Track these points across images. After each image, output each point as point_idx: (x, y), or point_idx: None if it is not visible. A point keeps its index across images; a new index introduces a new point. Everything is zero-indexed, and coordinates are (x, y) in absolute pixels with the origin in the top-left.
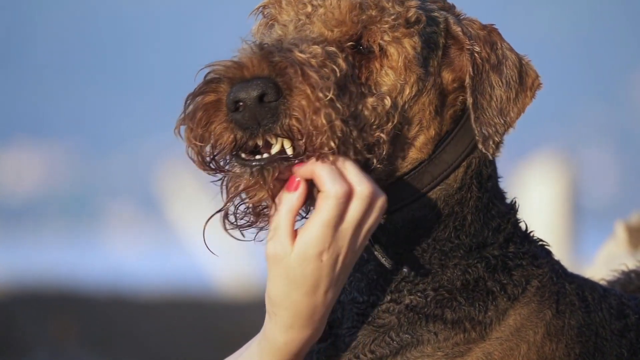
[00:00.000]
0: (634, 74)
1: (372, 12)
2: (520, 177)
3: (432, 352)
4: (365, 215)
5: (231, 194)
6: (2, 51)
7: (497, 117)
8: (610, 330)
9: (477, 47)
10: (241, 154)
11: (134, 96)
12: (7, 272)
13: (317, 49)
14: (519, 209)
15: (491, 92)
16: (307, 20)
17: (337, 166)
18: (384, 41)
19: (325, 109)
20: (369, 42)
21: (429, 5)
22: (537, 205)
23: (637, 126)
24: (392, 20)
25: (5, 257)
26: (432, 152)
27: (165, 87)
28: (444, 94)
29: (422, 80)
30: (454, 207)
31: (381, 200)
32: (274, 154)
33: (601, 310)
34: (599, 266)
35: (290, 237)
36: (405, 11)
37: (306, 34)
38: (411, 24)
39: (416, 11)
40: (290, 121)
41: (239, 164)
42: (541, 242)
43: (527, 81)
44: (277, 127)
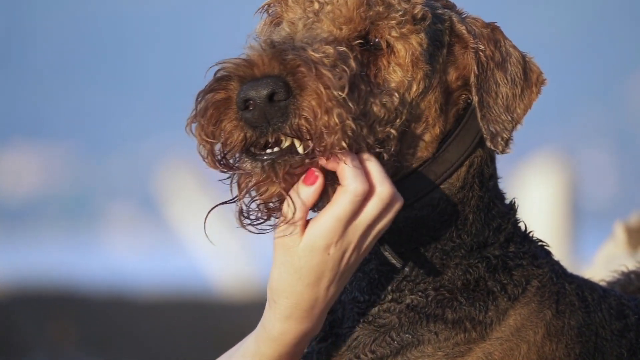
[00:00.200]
0: (633, 75)
1: (379, 9)
2: (519, 178)
3: (432, 352)
4: (379, 216)
5: (242, 189)
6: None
7: (504, 114)
8: (610, 330)
9: (482, 45)
10: (252, 149)
11: (133, 97)
12: (6, 273)
13: (329, 49)
14: (518, 209)
15: (497, 90)
16: (315, 17)
17: (363, 164)
18: (392, 37)
19: (337, 108)
20: (377, 38)
21: (434, 3)
22: (536, 206)
23: (636, 127)
24: (399, 16)
25: (4, 258)
26: (436, 150)
27: (164, 88)
28: (448, 92)
29: (428, 77)
30: (456, 206)
31: (398, 204)
32: (285, 147)
33: (601, 310)
34: (598, 267)
35: (301, 228)
36: (411, 8)
37: (316, 33)
38: (418, 21)
39: (422, 8)
40: (299, 121)
41: (249, 159)
42: (541, 243)
43: (532, 77)
44: (286, 127)
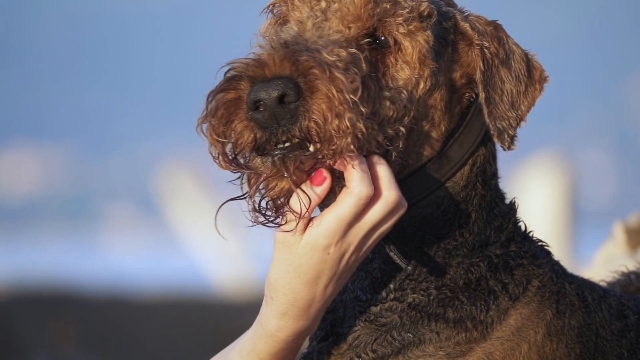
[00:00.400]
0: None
1: (386, 6)
2: (518, 179)
3: (433, 351)
4: (383, 220)
5: (252, 186)
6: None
7: (510, 111)
8: (610, 330)
9: (486, 42)
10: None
11: (133, 98)
12: (5, 273)
13: (342, 52)
14: (518, 209)
15: (502, 87)
16: (323, 16)
17: (372, 167)
18: (399, 33)
19: (348, 112)
20: (384, 34)
21: (438, 1)
22: (535, 206)
23: (636, 128)
24: (406, 13)
25: (4, 259)
26: (441, 148)
27: (164, 89)
28: (453, 90)
29: (435, 75)
30: (459, 205)
31: (403, 210)
32: (296, 143)
33: (601, 310)
34: (598, 267)
35: (303, 226)
36: (417, 5)
37: (326, 32)
38: (424, 18)
39: (428, 5)
40: (309, 123)
41: (260, 156)
42: (540, 243)
43: (535, 75)
44: (295, 129)
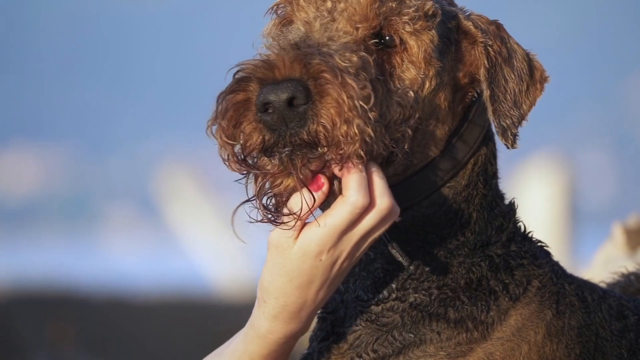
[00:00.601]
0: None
1: (392, 5)
2: (517, 179)
3: (434, 351)
4: (375, 227)
5: (259, 185)
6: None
7: (513, 109)
8: (610, 330)
9: (490, 41)
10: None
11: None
12: (5, 274)
13: (354, 57)
14: (517, 210)
15: (505, 85)
16: (330, 16)
17: (368, 174)
18: (405, 32)
19: (357, 119)
20: (390, 33)
21: (441, 0)
22: (534, 207)
23: (635, 128)
24: (412, 12)
25: (3, 260)
26: (444, 148)
27: (163, 90)
28: (456, 89)
29: (439, 74)
30: (461, 204)
31: (395, 216)
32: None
33: (601, 310)
34: (597, 268)
35: (297, 231)
36: (422, 4)
37: (334, 34)
38: (429, 17)
39: (433, 4)
40: (317, 127)
41: (268, 156)
42: (540, 243)
43: (536, 74)
44: (303, 132)
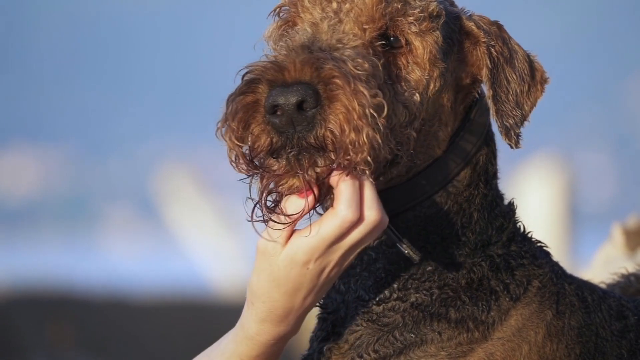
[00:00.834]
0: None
1: (397, 5)
2: (517, 180)
3: (435, 351)
4: (363, 239)
5: (265, 185)
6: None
7: (515, 110)
8: (610, 331)
9: (492, 42)
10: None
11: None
12: (4, 275)
13: (365, 64)
14: (517, 210)
15: (507, 86)
16: (336, 17)
17: (359, 186)
18: (411, 33)
19: (367, 127)
20: (395, 34)
21: (443, 0)
22: (534, 208)
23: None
24: (417, 13)
25: (3, 260)
26: (446, 148)
27: (163, 91)
28: (457, 89)
29: (443, 75)
30: (462, 204)
31: (383, 228)
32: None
33: (601, 311)
34: (597, 269)
35: (285, 238)
36: (427, 5)
37: (343, 36)
38: (434, 18)
39: (437, 5)
40: (324, 132)
41: (274, 157)
42: (539, 244)
43: (537, 75)
44: (311, 136)
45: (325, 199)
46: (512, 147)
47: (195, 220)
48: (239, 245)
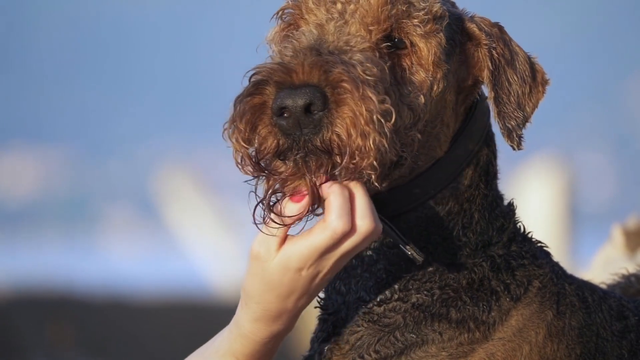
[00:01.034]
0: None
1: (402, 7)
2: (517, 181)
3: (436, 352)
4: (356, 248)
5: (271, 186)
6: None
7: (517, 111)
8: (610, 331)
9: (493, 43)
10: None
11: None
12: (5, 275)
13: (374, 69)
14: (516, 210)
15: (509, 87)
16: (341, 18)
17: (350, 195)
18: (416, 35)
19: (374, 133)
20: (400, 35)
21: (445, 2)
22: (534, 208)
23: (634, 130)
24: (422, 15)
25: (3, 261)
26: (447, 149)
27: (163, 92)
28: (459, 91)
29: (446, 76)
30: (463, 204)
31: (377, 236)
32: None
33: (601, 311)
34: (596, 270)
35: (278, 244)
36: (431, 7)
37: (350, 38)
38: (437, 19)
39: (441, 6)
40: (331, 136)
41: (281, 159)
42: (540, 244)
43: (538, 77)
44: (317, 139)
45: (319, 204)
46: (514, 149)
47: (195, 220)
48: (239, 245)
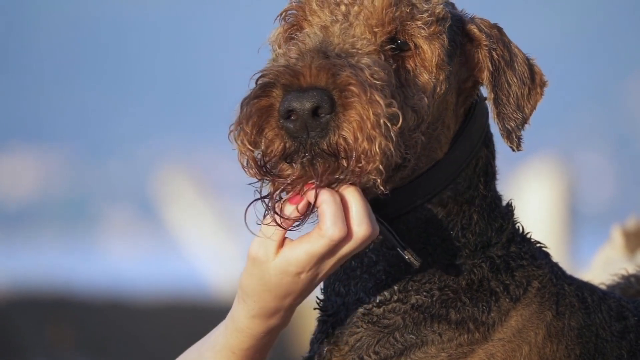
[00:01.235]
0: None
1: (406, 9)
2: (516, 181)
3: (436, 353)
4: (353, 251)
5: (277, 188)
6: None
7: (516, 112)
8: (610, 331)
9: (493, 45)
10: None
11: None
12: (4, 276)
13: (381, 73)
14: (515, 211)
15: (508, 89)
16: (345, 20)
17: (344, 202)
18: (420, 37)
19: (380, 137)
20: (404, 38)
21: (447, 3)
22: (533, 209)
23: (634, 130)
24: (426, 16)
25: (2, 262)
26: (447, 150)
27: (162, 92)
28: (459, 92)
29: (448, 78)
30: (462, 205)
31: (373, 238)
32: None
33: (601, 311)
34: (596, 270)
35: (276, 246)
36: (434, 8)
37: (355, 40)
38: (440, 21)
39: (444, 8)
40: (337, 139)
41: (287, 162)
42: (539, 244)
43: (537, 78)
44: (323, 143)
45: (314, 210)
46: (513, 150)
47: (194, 221)
48: (238, 246)
